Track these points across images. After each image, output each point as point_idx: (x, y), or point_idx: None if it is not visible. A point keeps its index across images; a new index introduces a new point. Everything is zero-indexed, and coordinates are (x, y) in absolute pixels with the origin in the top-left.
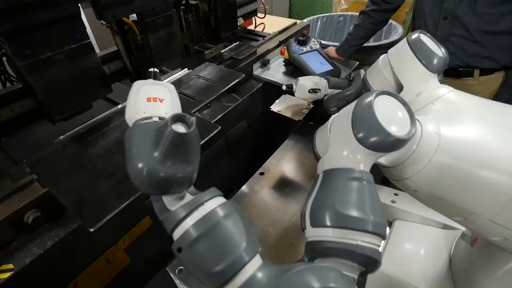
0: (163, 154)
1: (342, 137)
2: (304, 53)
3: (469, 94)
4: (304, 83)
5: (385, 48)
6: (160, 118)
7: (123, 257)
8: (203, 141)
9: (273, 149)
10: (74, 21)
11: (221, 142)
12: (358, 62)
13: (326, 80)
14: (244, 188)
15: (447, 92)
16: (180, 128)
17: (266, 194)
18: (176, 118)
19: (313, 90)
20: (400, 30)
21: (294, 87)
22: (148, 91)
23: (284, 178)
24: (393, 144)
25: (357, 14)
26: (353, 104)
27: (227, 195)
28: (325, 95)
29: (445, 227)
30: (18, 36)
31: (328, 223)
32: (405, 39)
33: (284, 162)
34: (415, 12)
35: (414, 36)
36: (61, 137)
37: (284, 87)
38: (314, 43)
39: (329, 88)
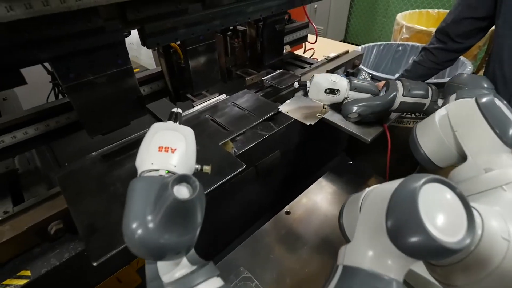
0: (160, 219)
1: (372, 226)
2: None
3: None
4: (320, 81)
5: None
6: (167, 171)
7: (135, 277)
8: (225, 179)
9: (306, 181)
10: (117, 47)
11: (250, 171)
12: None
13: (347, 80)
14: (266, 226)
15: None
16: (182, 191)
17: (289, 238)
18: (180, 180)
19: (331, 91)
20: (469, 67)
21: (308, 85)
22: (161, 139)
23: (311, 222)
24: (436, 251)
25: (419, 45)
26: (394, 184)
27: (253, 223)
28: (345, 98)
29: None
30: (64, 61)
31: None
32: (473, 99)
33: (314, 203)
34: (490, 55)
35: (487, 98)
36: (93, 153)
37: (296, 84)
38: (364, 77)
39: (350, 90)
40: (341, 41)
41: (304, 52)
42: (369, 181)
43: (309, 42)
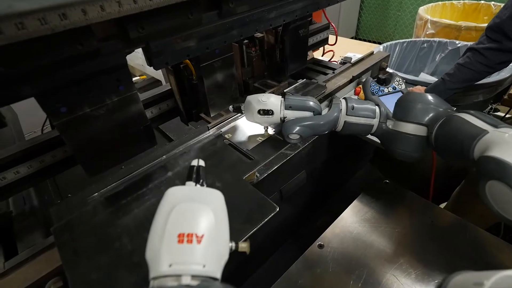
0: None
1: None
2: (385, 94)
3: None
4: (252, 102)
5: (488, 88)
6: (193, 276)
7: None
8: (255, 228)
9: (332, 198)
10: (118, 72)
11: (274, 196)
12: (455, 108)
13: (281, 99)
14: (298, 264)
15: None
16: None
17: (326, 277)
18: None
19: (264, 112)
20: (511, 65)
21: (242, 108)
22: (182, 219)
23: (349, 255)
24: None
25: (446, 40)
26: None
27: (275, 250)
28: (284, 118)
29: None
30: (53, 94)
31: None
32: None
33: (350, 233)
34: None
35: None
36: (95, 194)
37: (231, 108)
38: (399, 83)
39: (285, 109)
40: (352, 38)
41: (322, 55)
42: (410, 204)
43: (328, 44)
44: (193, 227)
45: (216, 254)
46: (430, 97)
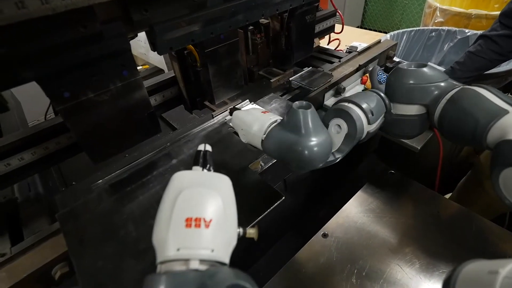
0: None
1: None
2: None
3: None
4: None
5: (497, 77)
6: (201, 261)
7: None
8: (260, 217)
9: (336, 188)
10: (121, 56)
11: (278, 186)
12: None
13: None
14: (302, 253)
15: None
16: None
17: (330, 266)
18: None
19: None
20: None
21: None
22: (189, 204)
23: (354, 246)
24: None
25: (456, 29)
26: None
27: (278, 239)
28: None
29: None
30: (55, 79)
31: None
32: None
33: (354, 223)
34: None
35: None
36: (100, 181)
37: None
38: None
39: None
40: (357, 27)
41: (328, 44)
42: (416, 194)
43: (334, 32)
44: (201, 211)
45: (224, 239)
46: (425, 70)
